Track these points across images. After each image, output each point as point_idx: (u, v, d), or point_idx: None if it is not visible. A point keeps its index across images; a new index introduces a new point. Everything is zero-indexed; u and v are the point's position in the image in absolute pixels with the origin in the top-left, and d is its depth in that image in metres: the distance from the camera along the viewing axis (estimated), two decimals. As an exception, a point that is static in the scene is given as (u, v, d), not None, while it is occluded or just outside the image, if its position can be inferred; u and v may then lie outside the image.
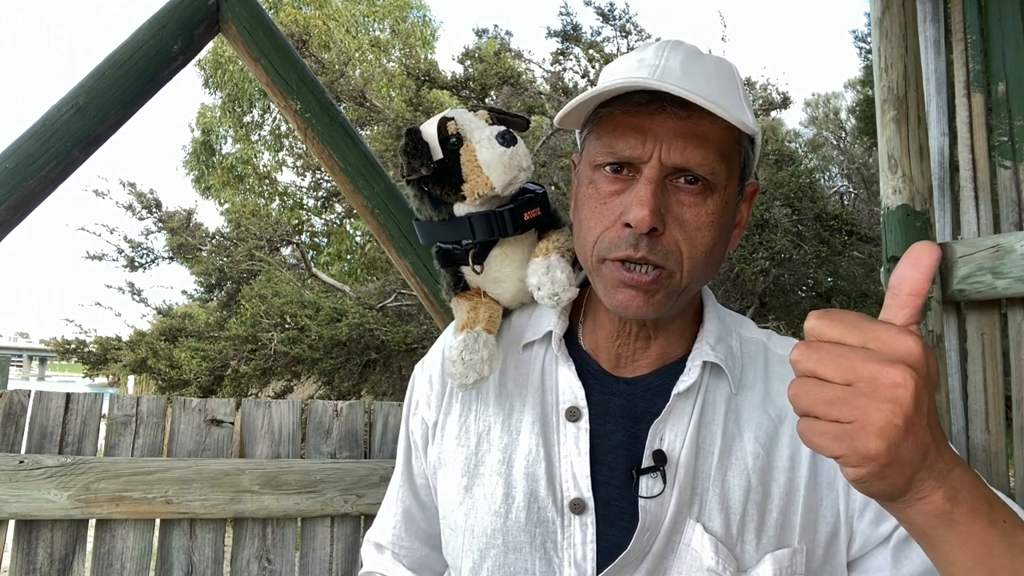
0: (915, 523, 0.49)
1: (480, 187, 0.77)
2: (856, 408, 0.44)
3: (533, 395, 0.80)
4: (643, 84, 0.67)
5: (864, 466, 0.45)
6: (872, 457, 0.44)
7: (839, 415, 0.44)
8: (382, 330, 6.41)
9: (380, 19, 13.75)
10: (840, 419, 0.45)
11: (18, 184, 1.50)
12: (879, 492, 0.47)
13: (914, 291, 0.46)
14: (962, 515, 0.48)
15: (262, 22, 1.66)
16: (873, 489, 0.46)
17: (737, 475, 0.73)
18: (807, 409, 0.46)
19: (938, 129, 1.80)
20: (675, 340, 0.79)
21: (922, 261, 0.46)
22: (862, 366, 0.44)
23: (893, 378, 0.43)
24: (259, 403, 1.67)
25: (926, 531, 0.49)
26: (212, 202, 13.54)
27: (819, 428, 0.45)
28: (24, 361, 39.84)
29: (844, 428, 0.44)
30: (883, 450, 0.44)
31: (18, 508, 1.46)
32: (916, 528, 0.50)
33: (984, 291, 1.58)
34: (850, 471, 0.45)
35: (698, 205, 0.69)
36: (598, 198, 0.72)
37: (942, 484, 0.47)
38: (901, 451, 0.44)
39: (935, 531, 0.49)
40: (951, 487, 0.47)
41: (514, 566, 0.75)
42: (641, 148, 0.69)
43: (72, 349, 7.51)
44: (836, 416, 0.45)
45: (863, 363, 0.44)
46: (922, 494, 0.47)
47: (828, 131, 12.44)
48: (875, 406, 0.44)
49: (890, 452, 0.44)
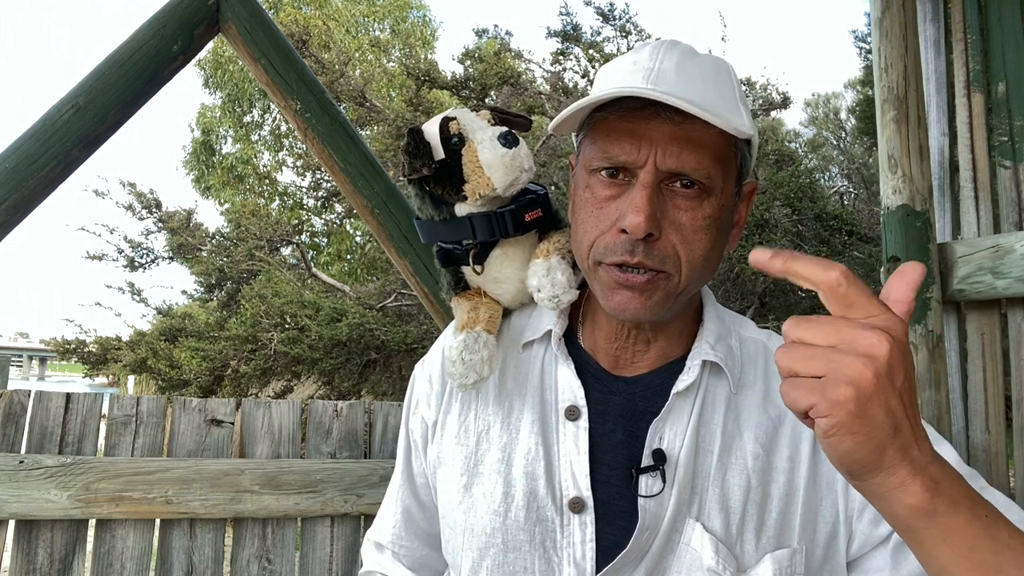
0: (897, 516, 0.50)
1: (481, 188, 0.77)
2: (832, 361, 0.47)
3: (533, 394, 0.80)
4: (636, 92, 0.66)
5: (833, 414, 0.46)
6: (840, 403, 0.46)
7: (816, 369, 0.47)
8: (382, 330, 6.42)
9: (380, 19, 13.75)
10: (816, 373, 0.47)
11: (18, 184, 1.50)
12: (848, 451, 0.48)
13: (899, 298, 0.51)
14: (943, 507, 0.48)
15: (262, 22, 1.66)
16: (843, 446, 0.47)
17: (737, 475, 0.73)
18: (788, 367, 0.49)
19: (938, 129, 1.80)
20: (674, 340, 0.79)
21: (907, 274, 0.51)
22: (846, 330, 0.47)
23: (870, 339, 0.46)
24: (259, 403, 1.67)
25: (909, 524, 0.50)
26: (212, 202, 13.56)
27: (797, 383, 0.48)
28: (24, 361, 39.84)
29: (819, 381, 0.47)
30: (851, 397, 0.46)
31: (18, 508, 1.46)
32: (899, 521, 0.50)
33: (984, 291, 1.58)
34: (821, 422, 0.47)
35: (694, 209, 0.69)
36: (594, 203, 0.72)
37: (919, 473, 0.48)
38: (870, 407, 0.46)
39: (917, 524, 0.49)
40: (930, 478, 0.48)
41: (513, 565, 0.75)
42: (636, 153, 0.69)
43: (72, 349, 7.51)
44: (813, 371, 0.47)
45: (847, 327, 0.47)
46: (898, 479, 0.48)
47: (828, 131, 12.44)
48: (849, 359, 0.46)
49: (859, 400, 0.46)
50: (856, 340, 0.47)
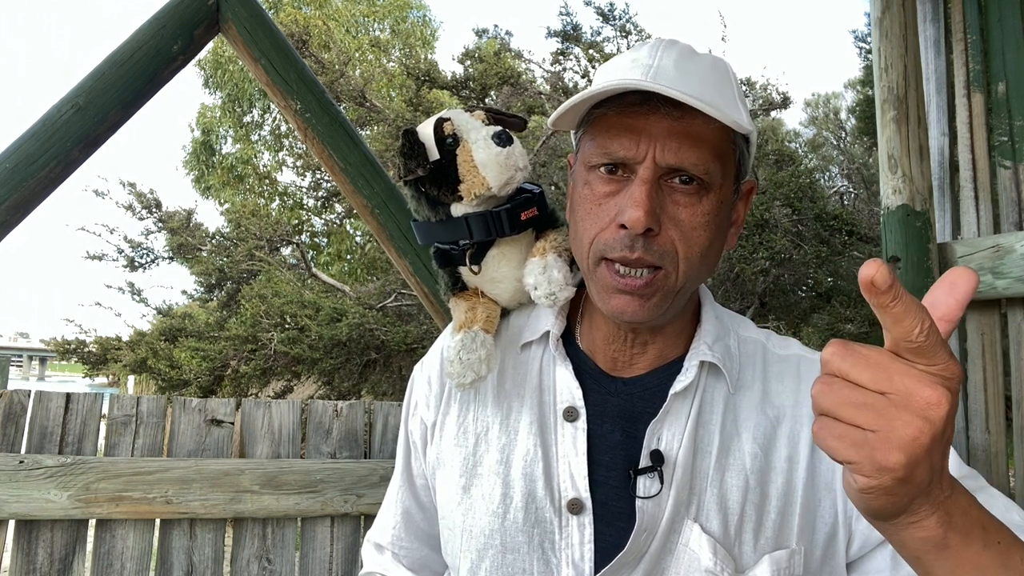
0: (907, 546, 0.48)
1: (477, 187, 0.77)
2: (884, 417, 0.42)
3: (531, 395, 0.80)
4: (635, 85, 0.67)
5: (876, 478, 0.43)
6: (889, 470, 0.42)
7: (864, 421, 0.43)
8: (382, 330, 6.42)
9: (380, 19, 13.75)
10: (864, 425, 0.43)
11: (18, 184, 1.50)
12: (878, 508, 0.45)
13: (946, 316, 0.45)
14: (955, 540, 0.47)
15: (262, 22, 1.66)
16: (874, 504, 0.45)
17: (735, 475, 0.73)
18: (830, 409, 0.44)
19: (938, 129, 1.80)
20: (672, 340, 0.79)
21: (958, 287, 0.45)
22: (899, 378, 0.42)
23: (930, 396, 0.42)
24: (259, 403, 1.68)
25: (919, 555, 0.48)
26: (212, 202, 13.56)
27: (839, 431, 0.44)
28: (24, 361, 39.85)
29: (866, 435, 0.43)
30: (902, 464, 0.42)
31: (18, 508, 1.46)
32: (908, 551, 0.49)
33: (984, 291, 1.58)
34: (860, 479, 0.43)
35: (693, 205, 0.69)
36: (593, 199, 0.72)
37: (937, 509, 0.46)
38: (917, 471, 0.43)
39: (927, 556, 0.48)
40: (946, 512, 0.46)
41: (512, 566, 0.75)
42: (635, 149, 0.69)
43: (72, 349, 7.51)
44: (861, 422, 0.43)
45: (901, 375, 0.42)
46: (916, 518, 0.46)
47: (828, 131, 12.44)
48: (905, 419, 0.42)
49: (908, 468, 0.42)
50: (913, 394, 0.42)
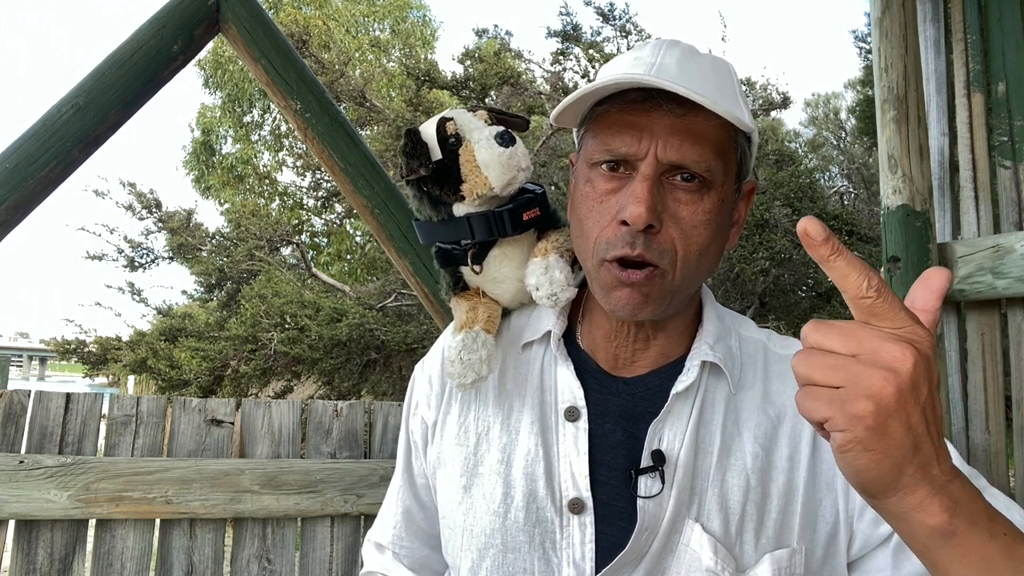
0: (914, 535, 0.48)
1: (479, 187, 0.77)
2: (852, 373, 0.45)
3: (532, 395, 0.80)
4: (638, 80, 0.67)
5: (850, 428, 0.45)
6: (859, 417, 0.44)
7: (835, 379, 0.45)
8: (382, 330, 6.42)
9: (380, 19, 13.75)
10: (835, 383, 0.45)
11: (18, 184, 1.50)
12: (864, 468, 0.46)
13: (925, 307, 0.49)
14: (961, 528, 0.47)
15: (262, 22, 1.66)
16: (859, 463, 0.46)
17: (736, 475, 0.73)
18: (806, 376, 0.47)
19: (938, 129, 1.80)
20: (674, 340, 0.79)
21: (932, 281, 0.49)
22: (868, 340, 0.45)
23: (894, 351, 0.44)
24: (259, 403, 1.68)
25: (926, 544, 0.48)
26: (212, 202, 13.55)
27: (814, 392, 0.46)
28: (24, 361, 39.81)
29: (837, 392, 0.45)
30: (871, 411, 0.44)
31: (18, 508, 1.46)
32: (916, 541, 0.49)
33: (984, 291, 1.58)
34: (837, 436, 0.45)
35: (695, 203, 0.70)
36: (595, 196, 0.72)
37: (938, 493, 0.46)
38: (890, 424, 0.44)
39: (934, 544, 0.48)
40: (949, 498, 0.47)
41: (513, 566, 0.75)
42: (637, 145, 0.69)
43: (72, 349, 7.51)
44: (832, 381, 0.46)
45: (869, 337, 0.45)
46: (917, 499, 0.47)
47: (828, 131, 12.44)
48: (870, 371, 0.44)
49: (878, 416, 0.44)
50: (879, 351, 0.45)
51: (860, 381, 0.44)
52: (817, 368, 0.46)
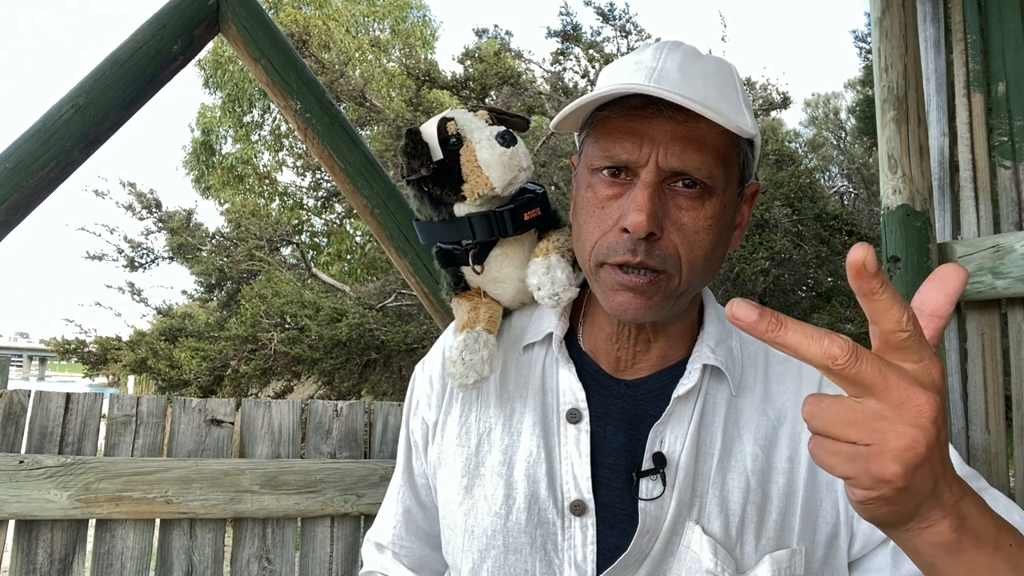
0: (921, 553, 0.48)
1: (480, 187, 0.77)
2: (875, 430, 0.42)
3: (534, 396, 0.80)
4: (638, 89, 0.66)
5: (875, 489, 0.43)
6: (887, 481, 0.42)
7: (857, 436, 0.43)
8: (382, 330, 6.41)
9: (380, 19, 13.75)
10: (857, 441, 0.43)
11: (18, 184, 1.50)
12: (882, 517, 0.45)
13: (936, 312, 0.46)
14: (968, 543, 0.46)
15: (262, 22, 1.66)
16: (877, 513, 0.45)
17: (736, 477, 0.73)
18: (822, 429, 0.44)
19: (938, 129, 1.80)
20: (675, 342, 0.79)
21: (947, 283, 0.45)
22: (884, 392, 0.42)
23: (917, 403, 0.42)
24: (259, 403, 1.67)
25: (932, 562, 0.48)
26: (212, 202, 13.55)
27: (832, 448, 0.44)
28: (24, 361, 39.80)
29: (859, 450, 0.43)
30: (899, 474, 0.42)
31: (18, 508, 1.46)
32: (921, 558, 0.48)
33: (984, 291, 1.58)
34: (858, 492, 0.44)
35: (696, 209, 0.69)
36: (596, 202, 0.72)
37: (948, 513, 0.46)
38: (916, 479, 0.43)
39: (941, 561, 0.47)
40: (957, 516, 0.46)
41: (514, 567, 0.75)
42: (638, 152, 0.69)
43: (72, 349, 7.51)
44: (853, 438, 0.43)
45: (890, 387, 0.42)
46: (928, 523, 0.46)
47: (828, 131, 12.45)
48: (897, 430, 0.42)
49: (906, 477, 0.42)
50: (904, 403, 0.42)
51: (886, 440, 0.42)
52: (835, 423, 0.43)
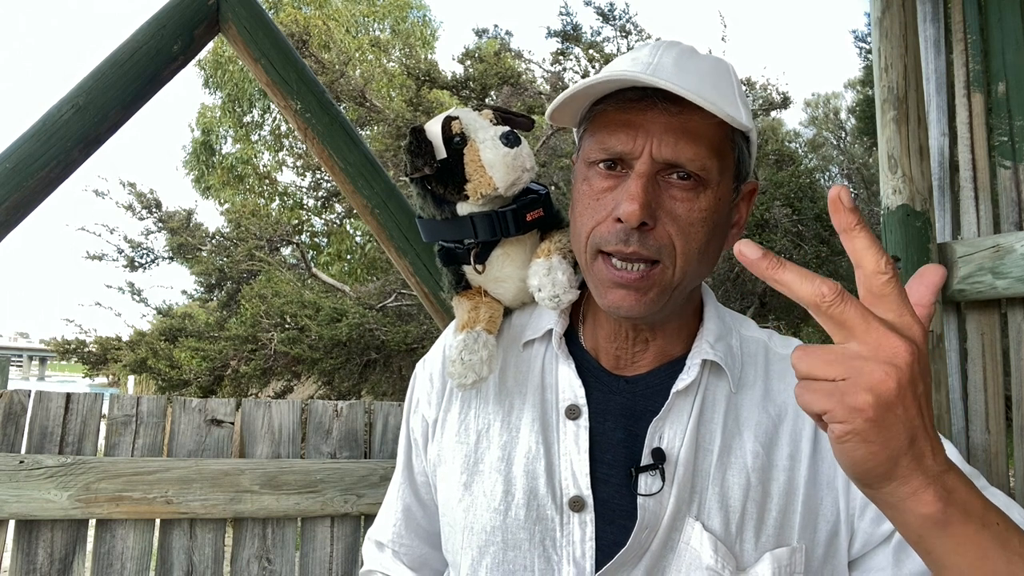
0: (909, 525, 0.49)
1: (483, 187, 0.77)
2: (852, 367, 0.45)
3: (533, 393, 0.80)
4: (632, 77, 0.67)
5: (850, 420, 0.45)
6: (860, 409, 0.45)
7: (835, 373, 0.46)
8: (382, 330, 6.42)
9: (380, 19, 13.75)
10: (835, 377, 0.46)
11: (18, 184, 1.50)
12: (861, 460, 0.47)
13: (920, 302, 0.50)
14: (955, 517, 0.48)
15: (262, 22, 1.66)
16: (856, 455, 0.46)
17: (736, 474, 0.73)
18: (806, 371, 0.47)
19: (938, 129, 1.80)
20: (675, 338, 0.79)
21: (927, 277, 0.51)
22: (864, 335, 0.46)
23: (894, 345, 0.45)
24: (259, 403, 1.68)
25: (920, 534, 0.49)
26: (212, 202, 13.54)
27: (813, 386, 0.47)
28: (24, 361, 39.78)
29: (836, 384, 0.46)
30: (871, 403, 0.44)
31: (18, 508, 1.46)
32: (910, 531, 0.50)
33: (984, 291, 1.58)
34: (836, 427, 0.46)
35: (691, 200, 0.70)
36: (591, 194, 0.73)
37: (932, 483, 0.47)
38: (888, 416, 0.45)
39: (929, 534, 0.49)
40: (943, 487, 0.47)
41: (513, 563, 0.75)
42: (632, 144, 0.69)
43: (72, 349, 7.51)
44: (832, 374, 0.46)
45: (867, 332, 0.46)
46: (911, 488, 0.47)
47: (828, 131, 12.45)
48: (871, 365, 0.45)
49: (878, 408, 0.45)
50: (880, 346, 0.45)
51: (860, 374, 0.45)
52: (817, 363, 0.47)
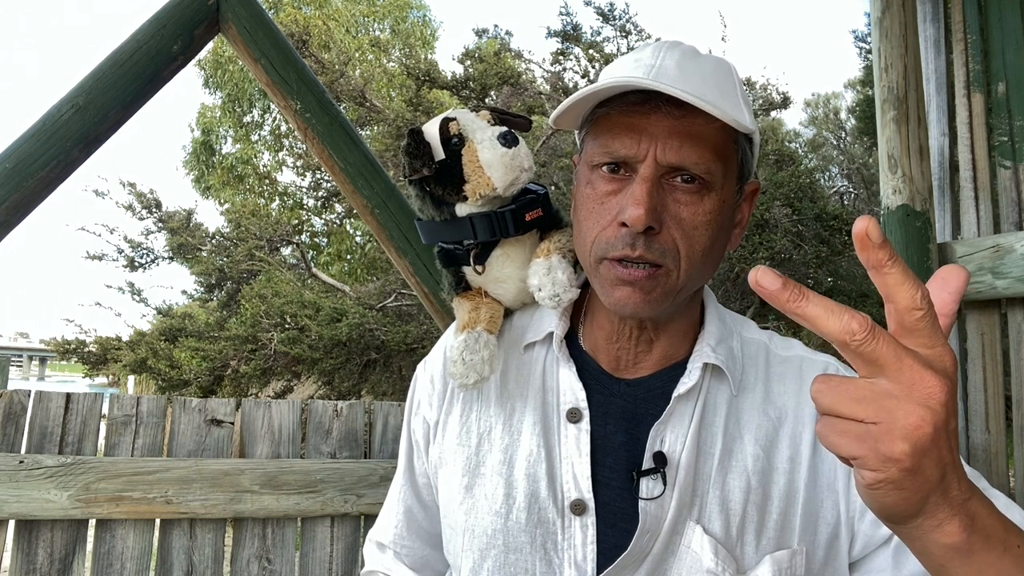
0: (931, 554, 0.47)
1: (482, 188, 0.77)
2: (884, 407, 0.42)
3: (534, 396, 0.80)
4: (636, 83, 0.67)
5: (883, 470, 0.42)
6: (895, 460, 0.41)
7: (865, 414, 0.42)
8: (382, 330, 6.41)
9: (380, 19, 13.75)
10: (865, 419, 0.42)
11: (18, 184, 1.50)
12: (892, 505, 0.44)
13: (942, 311, 0.46)
14: (978, 544, 0.46)
15: (262, 22, 1.66)
16: (887, 500, 0.44)
17: (737, 477, 0.73)
18: (830, 407, 0.44)
19: (938, 129, 1.80)
20: (676, 342, 0.79)
21: (950, 282, 0.46)
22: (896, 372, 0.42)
23: (929, 385, 0.41)
24: (259, 403, 1.67)
25: (942, 563, 0.47)
26: (212, 202, 13.54)
27: (840, 427, 0.43)
28: (24, 361, 39.78)
29: (868, 428, 0.42)
30: (908, 453, 0.41)
31: (18, 508, 1.46)
32: (932, 560, 0.48)
33: (984, 291, 1.58)
34: (867, 475, 0.43)
35: (695, 204, 0.70)
36: (595, 198, 0.72)
37: (957, 513, 0.45)
38: (924, 461, 0.42)
39: (951, 563, 0.47)
40: (967, 515, 0.45)
41: (514, 566, 0.75)
42: (636, 147, 0.69)
43: (72, 349, 7.51)
44: (861, 415, 0.42)
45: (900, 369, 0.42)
46: (936, 521, 0.45)
47: (828, 131, 12.44)
48: (905, 408, 0.41)
49: (914, 457, 0.41)
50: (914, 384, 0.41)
51: (894, 418, 0.41)
52: (844, 401, 0.43)
